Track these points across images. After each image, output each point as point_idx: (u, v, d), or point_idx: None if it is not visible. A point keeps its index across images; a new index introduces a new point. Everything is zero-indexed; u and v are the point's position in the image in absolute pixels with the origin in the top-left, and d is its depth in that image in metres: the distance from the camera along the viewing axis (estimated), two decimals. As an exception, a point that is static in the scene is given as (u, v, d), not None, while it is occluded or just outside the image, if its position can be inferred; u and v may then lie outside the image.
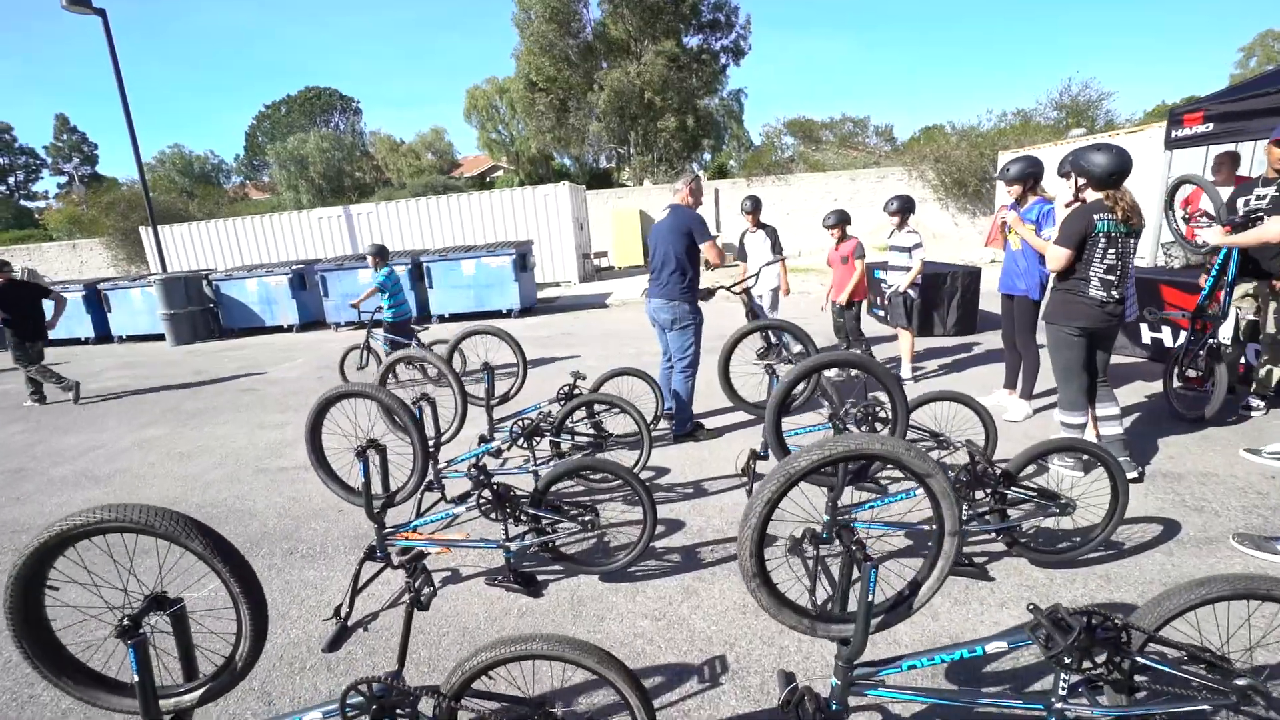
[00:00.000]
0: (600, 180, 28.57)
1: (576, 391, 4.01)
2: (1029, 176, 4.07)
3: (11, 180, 50.15)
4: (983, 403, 4.66)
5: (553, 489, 2.52)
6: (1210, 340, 4.04)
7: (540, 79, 25.13)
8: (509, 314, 11.97)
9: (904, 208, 5.32)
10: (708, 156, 32.90)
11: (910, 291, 5.34)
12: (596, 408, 3.63)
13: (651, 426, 4.22)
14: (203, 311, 13.12)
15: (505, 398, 3.94)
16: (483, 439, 3.94)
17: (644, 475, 3.33)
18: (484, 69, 74.17)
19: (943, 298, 7.33)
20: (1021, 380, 4.33)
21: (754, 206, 6.29)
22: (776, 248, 6.19)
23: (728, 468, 3.86)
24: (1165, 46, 76.61)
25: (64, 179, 49.94)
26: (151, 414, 6.67)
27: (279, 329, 12.92)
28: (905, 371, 5.46)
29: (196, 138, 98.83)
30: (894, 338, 5.76)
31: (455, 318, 12.25)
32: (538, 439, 3.12)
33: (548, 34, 23.81)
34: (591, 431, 3.22)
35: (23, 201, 49.04)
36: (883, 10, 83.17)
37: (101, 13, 13.48)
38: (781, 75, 76.94)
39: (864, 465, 2.60)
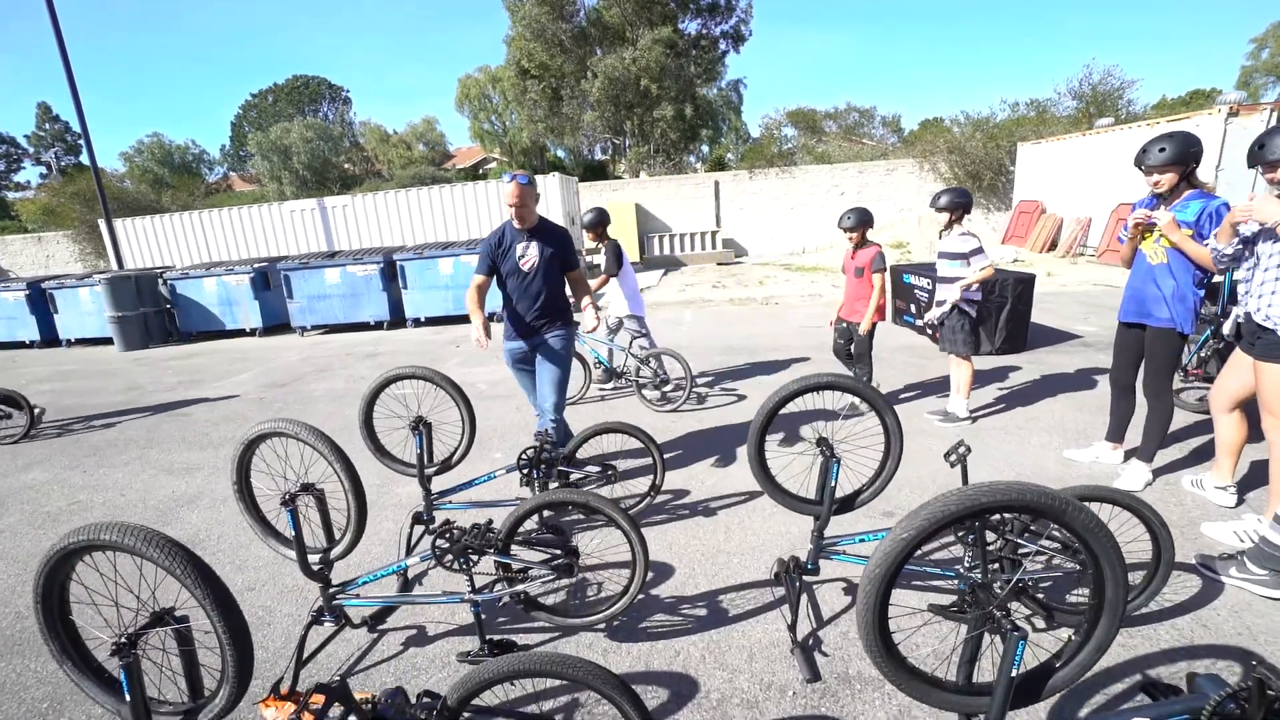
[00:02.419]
0: (595, 172, 27.39)
1: (545, 456, 2.93)
2: (1187, 160, 2.86)
3: (-10, 170, 48.67)
4: (1079, 458, 3.67)
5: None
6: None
7: (532, 66, 23.87)
8: (492, 318, 10.79)
9: (957, 204, 4.21)
10: (706, 148, 31.71)
11: (969, 310, 4.25)
12: (568, 491, 2.55)
13: (650, 495, 3.16)
14: (157, 313, 11.97)
15: (446, 465, 2.86)
16: (418, 520, 2.88)
17: (632, 589, 2.24)
18: (478, 58, 72.44)
19: (989, 310, 6.24)
20: (1144, 439, 3.24)
21: (593, 221, 5.24)
22: (608, 267, 5.27)
23: (754, 565, 2.79)
24: (1165, 40, 75.23)
25: (46, 169, 48.47)
26: (47, 448, 5.55)
27: (241, 333, 11.78)
28: (960, 409, 4.38)
29: (187, 128, 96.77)
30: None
31: (432, 321, 11.13)
32: (475, 556, 2.03)
33: (540, 18, 22.53)
34: (551, 549, 2.10)
35: (7, 193, 47.48)
36: (883, 5, 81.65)
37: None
38: (780, 70, 75.47)
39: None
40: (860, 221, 4.54)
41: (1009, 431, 4.15)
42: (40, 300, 12.37)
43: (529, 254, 3.45)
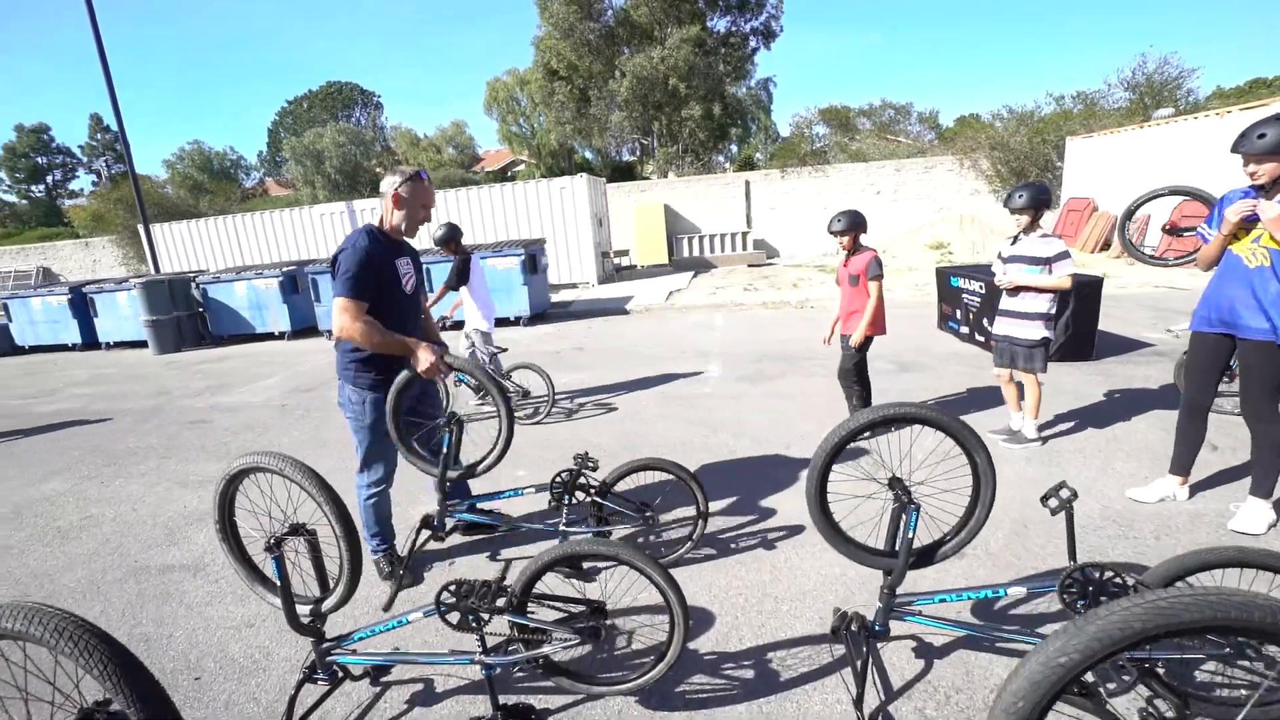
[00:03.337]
0: (623, 174, 27.18)
1: (582, 483, 2.64)
2: None
3: (49, 179, 50.75)
4: (1144, 498, 3.18)
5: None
6: None
7: (561, 66, 23.75)
8: (517, 321, 10.66)
9: (1038, 200, 3.73)
10: (735, 148, 31.25)
11: (1049, 333, 3.80)
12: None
13: (693, 541, 2.85)
14: (190, 317, 12.07)
15: (470, 472, 2.59)
16: (427, 524, 2.61)
17: (669, 656, 1.91)
18: (507, 62, 73.09)
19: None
20: (1256, 471, 2.76)
21: (445, 237, 5.16)
22: (448, 280, 5.31)
23: (806, 614, 2.43)
24: (1207, 31, 71.68)
25: (96, 177, 50.36)
26: (70, 454, 5.48)
27: (270, 336, 11.81)
28: (1029, 430, 3.94)
29: (228, 135, 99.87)
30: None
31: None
32: (487, 616, 1.73)
33: (568, 17, 22.40)
34: (573, 605, 1.79)
35: (63, 201, 49.34)
36: (912, 6, 79.72)
37: (84, -8, 12.55)
38: (810, 68, 74.30)
39: None
40: (852, 224, 4.13)
41: (1087, 456, 3.71)
42: (81, 304, 12.60)
43: (408, 272, 2.71)
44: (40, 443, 5.96)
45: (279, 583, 1.76)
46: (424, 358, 2.43)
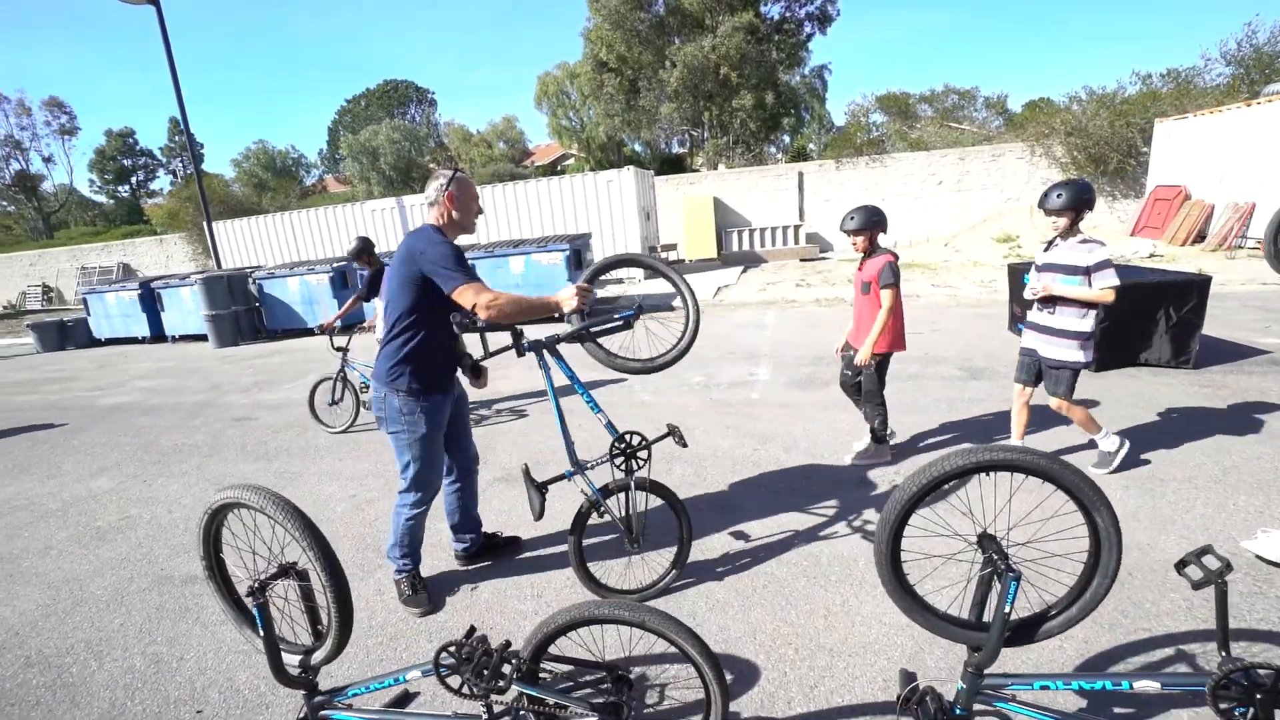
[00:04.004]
0: (673, 166, 26.77)
1: (643, 456, 2.63)
2: None
3: (134, 180, 54.18)
4: (1266, 553, 2.47)
5: None
6: None
7: (611, 57, 23.46)
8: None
9: (1077, 200, 3.09)
10: (787, 138, 30.33)
11: (1082, 353, 3.23)
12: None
13: (675, 570, 2.56)
14: (247, 311, 12.46)
15: (660, 363, 2.89)
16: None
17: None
18: (557, 55, 73.42)
19: (1141, 315, 5.13)
20: None
21: (359, 250, 5.39)
22: (361, 293, 5.64)
23: (867, 675, 2.09)
24: None
25: (173, 177, 53.46)
26: (123, 450, 5.59)
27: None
28: (1110, 444, 3.35)
29: (292, 135, 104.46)
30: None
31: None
32: (495, 680, 1.47)
33: (619, 8, 22.08)
34: (595, 669, 1.51)
35: (145, 200, 52.49)
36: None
37: (155, 2, 13.07)
38: (867, 54, 71.64)
39: None
40: (868, 222, 3.59)
41: (1199, 486, 3.18)
42: (150, 299, 13.20)
43: None
44: (97, 435, 6.13)
45: (262, 633, 1.56)
46: (566, 299, 2.56)
